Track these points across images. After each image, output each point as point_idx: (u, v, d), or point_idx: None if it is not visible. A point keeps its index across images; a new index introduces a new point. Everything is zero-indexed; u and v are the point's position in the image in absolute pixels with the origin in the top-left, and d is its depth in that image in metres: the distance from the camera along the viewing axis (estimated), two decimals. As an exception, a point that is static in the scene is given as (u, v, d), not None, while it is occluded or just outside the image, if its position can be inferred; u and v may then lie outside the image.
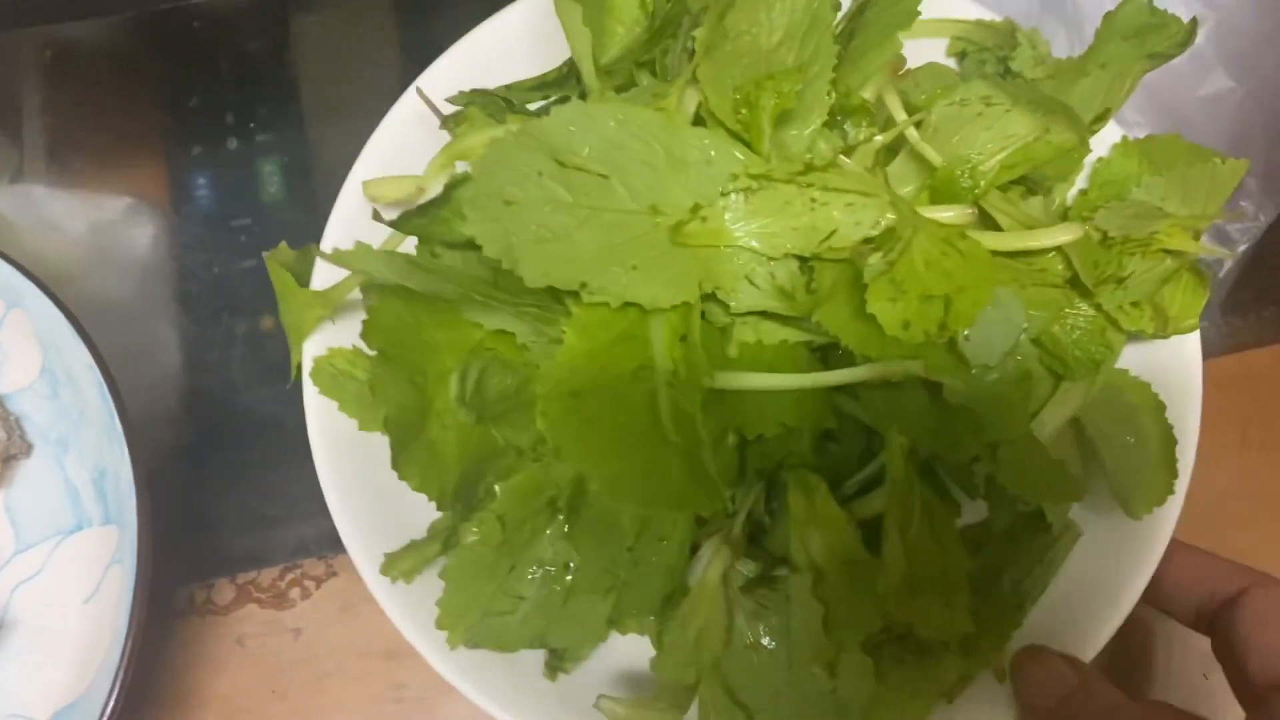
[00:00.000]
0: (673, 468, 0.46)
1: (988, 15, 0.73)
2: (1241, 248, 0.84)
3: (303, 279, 0.69)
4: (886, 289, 0.51)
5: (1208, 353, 0.68)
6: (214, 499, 0.81)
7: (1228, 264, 0.85)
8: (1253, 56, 0.81)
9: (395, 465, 0.56)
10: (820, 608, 0.56)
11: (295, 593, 0.77)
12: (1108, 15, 0.66)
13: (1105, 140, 0.70)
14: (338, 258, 0.54)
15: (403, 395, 0.57)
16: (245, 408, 0.92)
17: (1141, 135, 0.70)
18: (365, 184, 0.65)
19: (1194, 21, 0.66)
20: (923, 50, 0.73)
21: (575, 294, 0.53)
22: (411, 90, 0.70)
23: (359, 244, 0.53)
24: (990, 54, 0.72)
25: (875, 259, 0.53)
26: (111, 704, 0.65)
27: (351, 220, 0.68)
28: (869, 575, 0.56)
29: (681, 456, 0.47)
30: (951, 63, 0.73)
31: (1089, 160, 0.71)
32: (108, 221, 1.02)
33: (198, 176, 1.03)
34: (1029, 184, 0.66)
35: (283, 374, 0.67)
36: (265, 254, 0.69)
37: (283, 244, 0.71)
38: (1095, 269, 0.63)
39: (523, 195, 0.53)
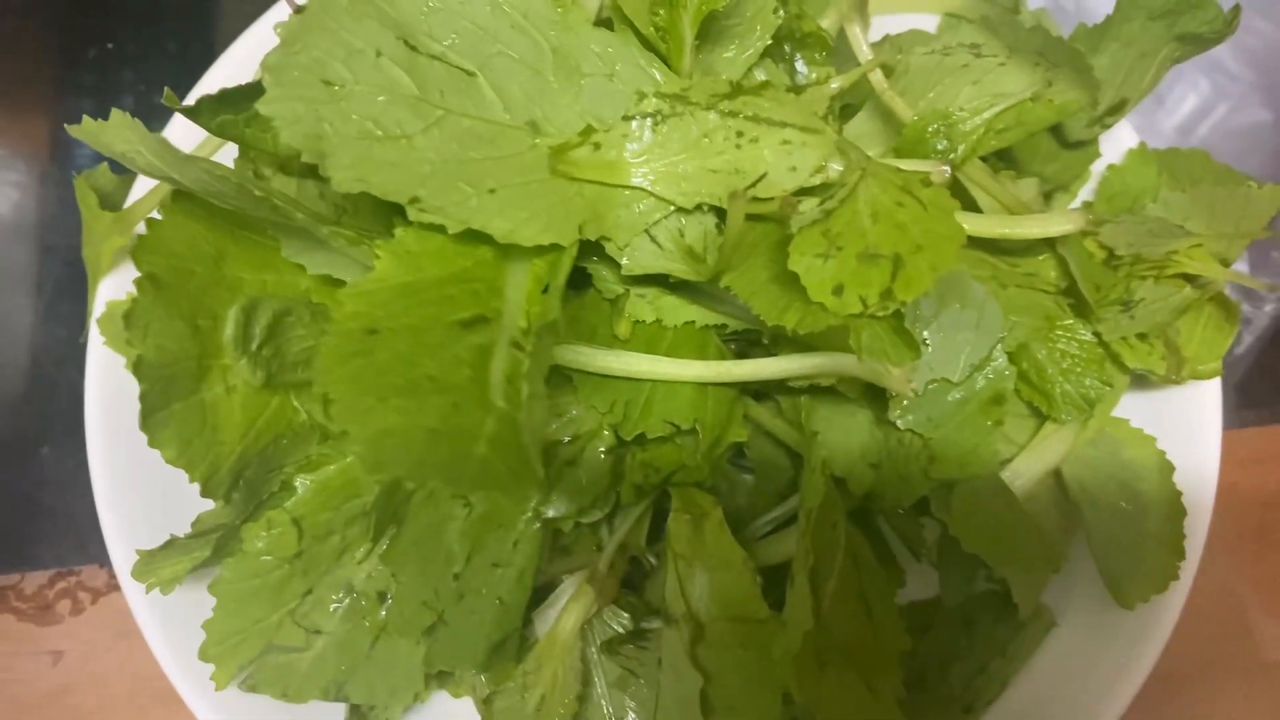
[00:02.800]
0: (483, 437, 0.32)
1: (989, -12, 0.61)
2: (1269, 305, 0.71)
3: (117, 208, 0.56)
4: (816, 242, 0.38)
5: (1227, 424, 0.54)
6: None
7: (1259, 319, 0.71)
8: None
9: (144, 426, 0.41)
10: (698, 678, 0.41)
11: (64, 606, 0.61)
12: (1132, -15, 0.54)
13: (1119, 144, 0.58)
14: (85, 129, 0.40)
15: (173, 337, 0.43)
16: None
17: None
18: (167, 93, 0.51)
19: (1236, 9, 0.54)
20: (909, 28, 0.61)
21: (401, 212, 0.39)
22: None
23: (116, 113, 0.40)
24: (988, 33, 0.60)
25: (808, 205, 0.39)
26: None
27: (187, 138, 0.54)
28: (768, 639, 0.41)
29: (502, 424, 0.33)
30: (941, 42, 0.61)
31: (1097, 168, 0.58)
32: (-32, 170, 0.89)
33: (83, 134, 0.90)
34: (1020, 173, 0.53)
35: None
36: (76, 175, 0.56)
37: (103, 165, 0.57)
38: (1097, 292, 0.50)
39: (351, 77, 0.40)
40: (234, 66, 0.58)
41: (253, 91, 0.45)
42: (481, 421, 0.33)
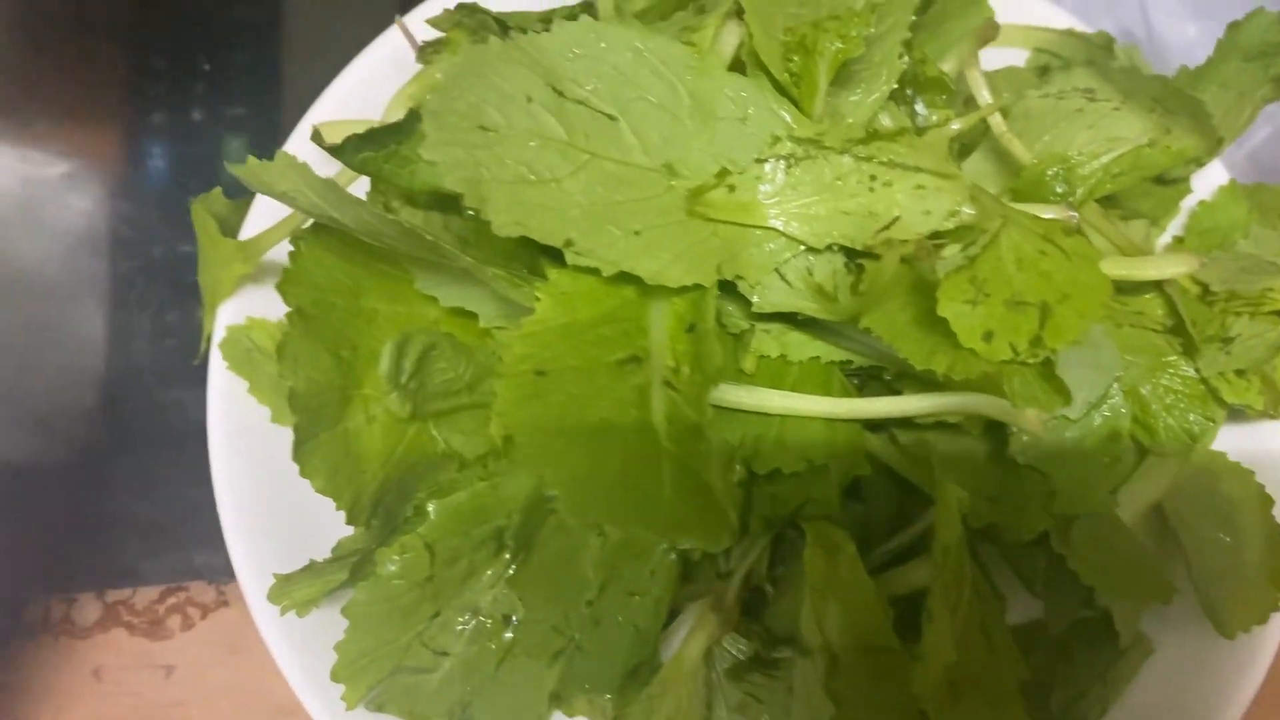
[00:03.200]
0: (665, 482, 0.33)
1: (1079, 25, 0.62)
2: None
3: (233, 234, 0.57)
4: (964, 288, 0.39)
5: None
6: (97, 495, 0.67)
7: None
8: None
9: (296, 456, 0.43)
10: (830, 707, 0.42)
11: (175, 621, 0.62)
12: (1231, 26, 0.55)
13: (1209, 182, 0.59)
14: (249, 169, 0.42)
15: (320, 369, 0.44)
16: (162, 405, 0.78)
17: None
18: (318, 127, 0.53)
19: (1332, 49, 0.55)
20: (998, 63, 0.62)
21: (555, 254, 0.41)
22: (394, 28, 0.59)
23: (281, 154, 0.41)
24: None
25: (952, 251, 0.40)
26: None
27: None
28: (899, 669, 0.42)
29: (678, 469, 0.34)
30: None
31: (1186, 203, 0.59)
32: (45, 179, 0.90)
33: (154, 145, 0.91)
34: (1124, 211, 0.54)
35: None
36: (193, 200, 0.57)
37: (217, 190, 0.59)
38: (1194, 327, 0.52)
39: (505, 122, 0.41)
40: (341, 98, 0.60)
41: (394, 131, 0.46)
42: (658, 466, 0.34)
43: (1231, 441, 0.54)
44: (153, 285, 0.84)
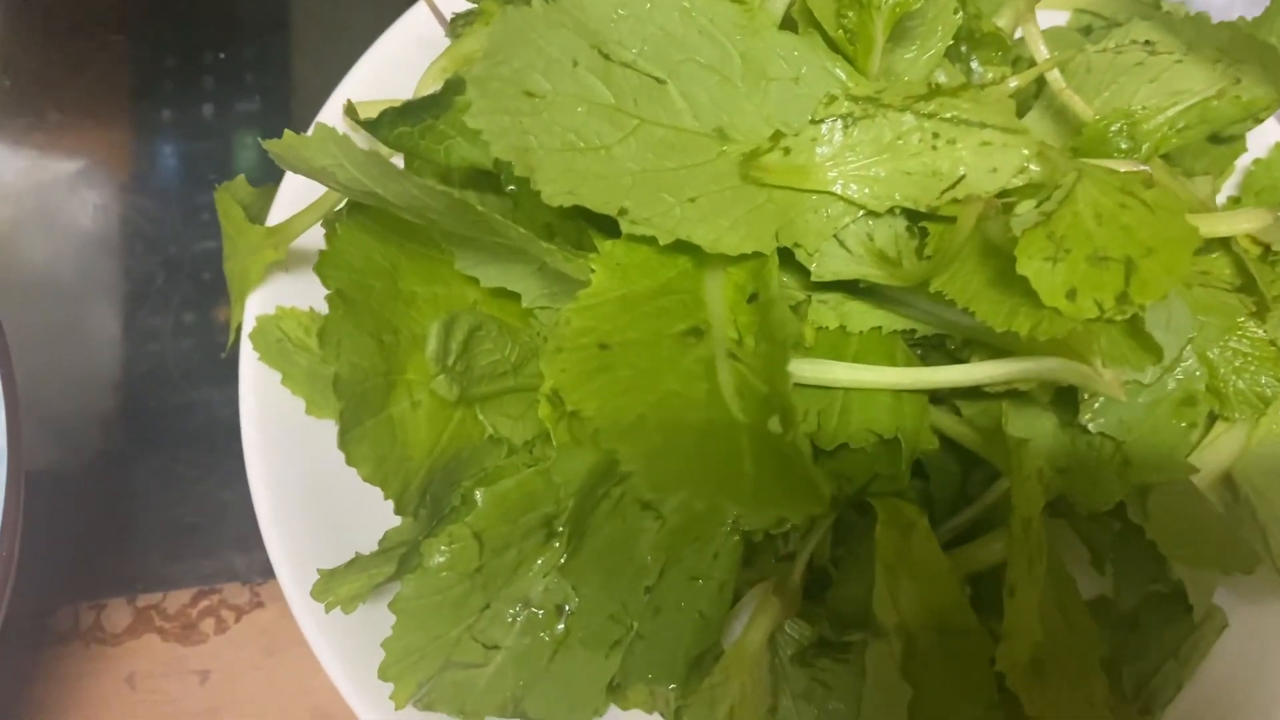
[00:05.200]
0: (745, 454, 0.31)
1: (1124, -18, 0.60)
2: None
3: (259, 222, 0.55)
4: (1043, 245, 0.37)
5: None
6: (122, 499, 0.66)
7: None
8: None
9: (343, 444, 0.41)
10: (908, 690, 0.40)
11: (208, 625, 0.61)
12: (1289, -22, 0.53)
13: (1264, 139, 0.57)
14: (285, 144, 0.40)
15: (363, 353, 0.42)
16: (184, 406, 0.77)
17: None
18: (348, 104, 0.51)
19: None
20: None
21: (602, 228, 0.39)
22: (420, 4, 0.57)
23: (319, 125, 0.39)
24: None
25: (1026, 206, 0.39)
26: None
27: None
28: (977, 649, 0.40)
29: (757, 441, 0.32)
30: (1074, 38, 0.60)
31: (1240, 162, 0.57)
32: (55, 181, 0.88)
33: (164, 144, 0.89)
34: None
35: (233, 373, 0.53)
36: (217, 187, 0.56)
37: (240, 177, 0.57)
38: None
39: (551, 88, 0.39)
40: (365, 78, 0.58)
41: (430, 104, 0.44)
42: (737, 439, 0.32)
43: (1300, 405, 0.52)
44: (169, 283, 0.82)
